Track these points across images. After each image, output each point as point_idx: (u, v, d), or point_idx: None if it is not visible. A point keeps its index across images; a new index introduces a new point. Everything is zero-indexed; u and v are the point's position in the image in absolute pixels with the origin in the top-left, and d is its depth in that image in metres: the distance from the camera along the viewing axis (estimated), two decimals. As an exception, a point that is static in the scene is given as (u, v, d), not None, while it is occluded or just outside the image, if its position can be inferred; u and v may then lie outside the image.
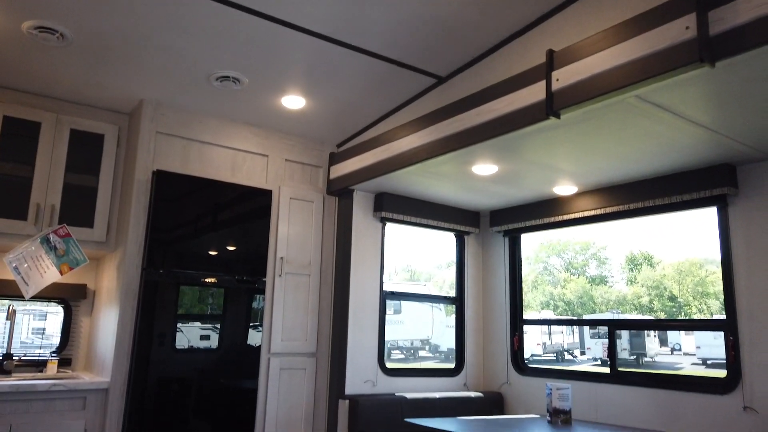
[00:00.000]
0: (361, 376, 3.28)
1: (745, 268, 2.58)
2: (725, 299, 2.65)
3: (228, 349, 3.07)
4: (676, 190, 2.81)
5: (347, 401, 3.10)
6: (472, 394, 3.50)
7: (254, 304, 3.20)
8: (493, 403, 3.53)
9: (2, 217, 2.76)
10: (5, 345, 2.91)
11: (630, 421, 2.91)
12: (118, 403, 2.72)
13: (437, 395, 3.36)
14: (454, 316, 3.88)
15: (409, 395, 3.26)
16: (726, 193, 2.64)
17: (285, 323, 3.28)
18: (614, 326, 3.15)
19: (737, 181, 2.67)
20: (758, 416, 2.44)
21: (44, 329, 3.27)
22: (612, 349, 3.14)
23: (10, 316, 2.89)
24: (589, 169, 2.85)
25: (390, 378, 3.40)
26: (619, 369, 3.06)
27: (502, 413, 3.50)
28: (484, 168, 2.90)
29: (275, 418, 3.17)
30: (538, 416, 3.22)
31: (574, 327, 14.00)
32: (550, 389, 2.93)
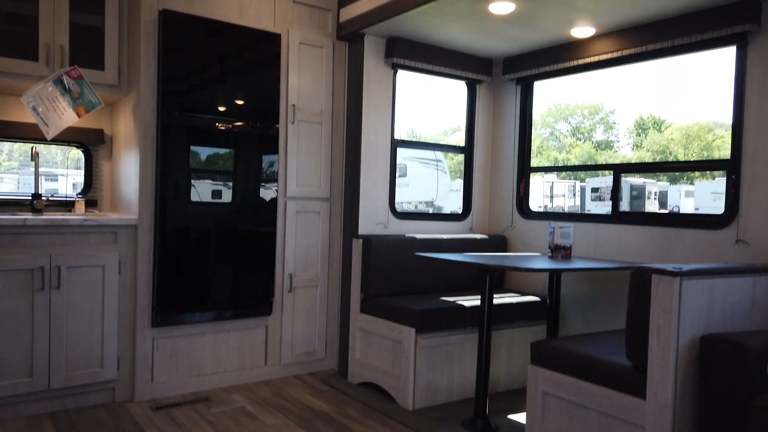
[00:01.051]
0: (373, 219, 3.45)
1: (756, 108, 2.60)
2: (732, 140, 2.70)
3: (242, 204, 3.20)
4: (696, 28, 2.73)
5: (360, 240, 3.29)
6: (478, 236, 3.70)
7: (263, 164, 3.27)
8: (497, 244, 3.74)
9: (14, 57, 2.75)
10: (33, 185, 3.04)
11: (627, 257, 3.10)
12: (147, 238, 2.90)
13: (445, 236, 3.56)
14: (459, 180, 3.97)
15: (418, 236, 3.45)
16: (747, 30, 2.58)
17: (299, 170, 3.39)
18: (619, 170, 3.24)
19: (761, 18, 2.59)
20: (749, 248, 2.60)
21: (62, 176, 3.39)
22: (615, 192, 3.26)
23: (34, 157, 2.99)
24: (609, 5, 2.75)
25: (400, 221, 3.57)
26: (621, 211, 3.20)
27: (506, 253, 3.72)
28: (501, 6, 2.81)
29: (294, 256, 3.39)
30: (539, 254, 3.43)
31: (576, 190, 14.26)
32: (553, 227, 3.10)
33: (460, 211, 3.89)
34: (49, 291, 2.64)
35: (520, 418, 2.84)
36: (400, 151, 3.68)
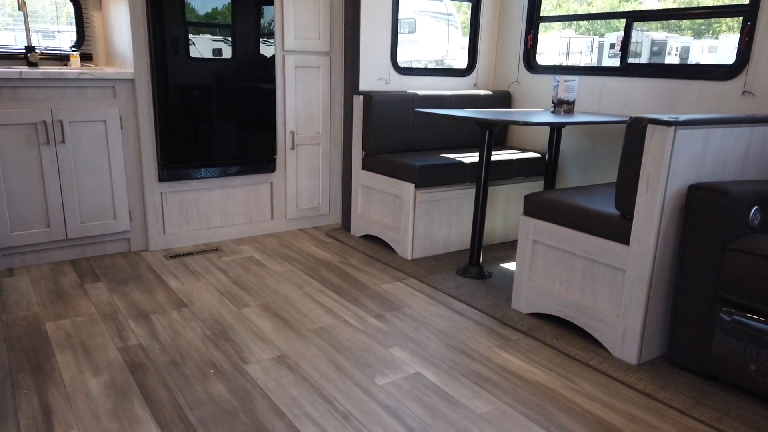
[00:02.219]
0: (375, 74, 3.37)
1: (786, -56, 2.39)
2: (755, -17, 2.52)
3: (242, 59, 3.10)
4: None
5: (361, 96, 3.25)
6: (482, 92, 3.62)
7: (263, 18, 3.11)
8: (501, 100, 3.68)
9: None
10: (25, 38, 2.96)
11: (631, 112, 3.06)
12: (146, 93, 2.88)
13: (447, 93, 3.49)
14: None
15: (420, 92, 3.39)
16: None
17: (297, 22, 3.25)
18: (632, 17, 3.06)
19: None
20: (755, 99, 2.54)
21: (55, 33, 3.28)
22: (626, 42, 3.12)
23: (21, 6, 2.88)
24: None
25: (402, 76, 3.49)
26: (630, 63, 3.08)
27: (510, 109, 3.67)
28: None
29: (294, 113, 3.37)
30: (542, 109, 3.38)
31: (594, 46, 13.60)
32: (557, 81, 3.02)
33: (465, 67, 3.77)
34: (54, 145, 2.69)
35: (512, 266, 3.00)
36: (407, 2, 3.48)
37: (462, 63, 3.79)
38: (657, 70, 2.96)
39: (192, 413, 1.66)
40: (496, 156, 3.27)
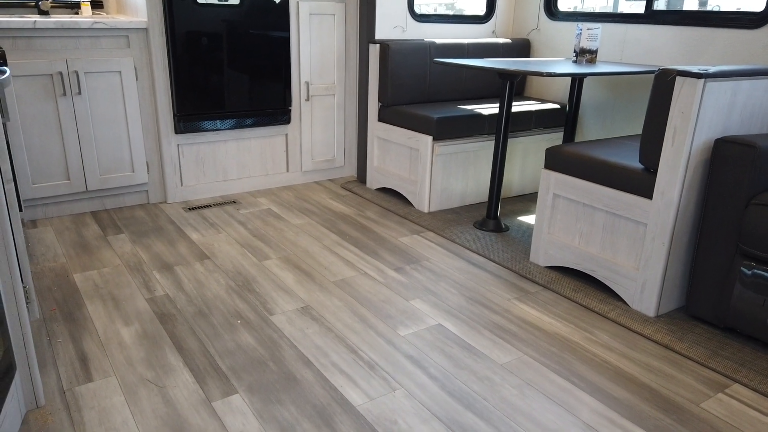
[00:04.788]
0: (391, 22, 3.28)
1: None
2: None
3: (251, 5, 3.02)
4: None
5: (378, 45, 3.18)
6: (500, 40, 3.54)
7: None
8: (520, 49, 3.59)
9: None
10: (34, -13, 2.90)
11: (654, 61, 2.98)
12: (160, 42, 2.83)
13: (465, 41, 3.41)
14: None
15: (437, 41, 3.31)
16: None
17: (310, -34, 3.15)
18: (660, -37, 2.95)
19: None
20: (785, 48, 2.46)
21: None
22: (652, -11, 3.01)
23: (30, -46, 2.80)
24: None
25: (420, 24, 3.40)
26: (655, 9, 2.99)
27: (529, 58, 3.58)
28: None
29: (309, 63, 3.31)
30: (563, 58, 3.31)
31: (612, -8, 13.11)
32: (581, 29, 2.94)
33: (483, 14, 3.66)
34: (71, 97, 2.67)
35: (530, 219, 3.00)
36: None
37: (471, 8, 3.69)
38: (682, 17, 2.87)
39: (223, 362, 1.72)
40: (515, 107, 3.22)
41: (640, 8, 3.09)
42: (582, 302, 2.14)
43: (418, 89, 3.27)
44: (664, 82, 1.91)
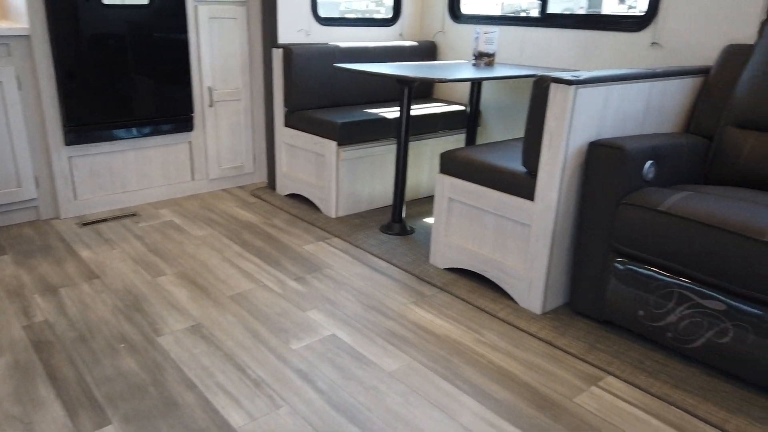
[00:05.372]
0: (295, 26, 3.25)
1: None
2: (664, -67, 2.53)
3: (145, 10, 2.91)
4: None
5: (281, 50, 3.14)
6: (407, 43, 3.57)
7: None
8: (426, 51, 3.63)
9: None
10: None
11: (552, 62, 3.09)
12: (44, 50, 2.68)
13: (371, 45, 3.41)
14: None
15: (343, 44, 3.30)
16: None
17: (207, -31, 3.07)
18: (550, -32, 3.06)
19: None
20: (662, 50, 2.61)
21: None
22: (544, -7, 3.11)
23: None
24: None
25: (325, 28, 3.38)
26: (548, 12, 3.09)
27: (435, 60, 3.63)
28: None
29: (211, 68, 3.23)
30: (465, 61, 3.37)
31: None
32: (478, 33, 3.00)
33: (390, 16, 3.68)
34: (-59, 112, 2.49)
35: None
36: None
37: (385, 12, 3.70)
38: (575, 21, 2.98)
39: (99, 390, 1.65)
40: (420, 110, 3.26)
41: (549, 11, 3.19)
42: (475, 303, 2.19)
43: (324, 93, 3.25)
44: (540, 89, 1.97)
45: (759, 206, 1.73)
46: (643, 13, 2.69)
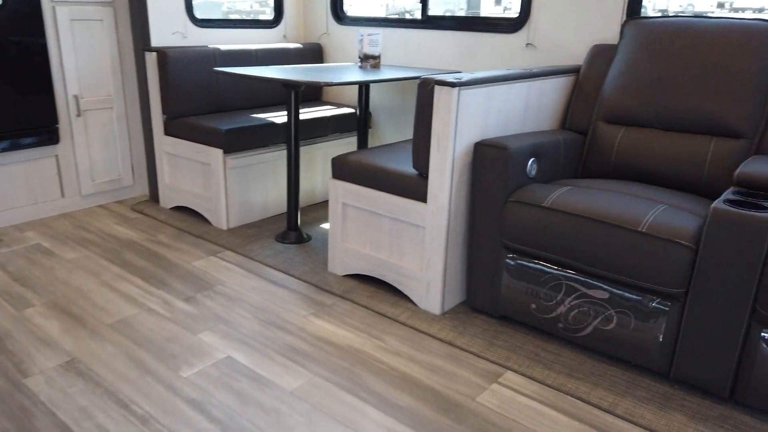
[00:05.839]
0: (169, 28, 3.04)
1: None
2: (532, -61, 2.65)
3: (13, 8, 2.59)
4: None
5: (154, 53, 2.92)
6: (291, 45, 3.47)
7: None
8: (312, 53, 3.56)
9: None
10: None
11: (435, 64, 3.14)
12: None
13: (254, 47, 3.29)
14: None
15: (223, 47, 3.15)
16: None
17: (65, -35, 2.79)
18: (429, -30, 3.11)
19: None
20: (536, 51, 2.73)
21: None
22: (425, -5, 3.16)
23: None
24: None
25: (202, 30, 3.20)
26: (430, 15, 3.14)
27: (321, 63, 3.57)
28: None
29: (77, 75, 2.95)
30: (352, 63, 3.34)
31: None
32: (362, 35, 2.98)
33: (272, 18, 3.57)
34: None
35: (332, 225, 3.00)
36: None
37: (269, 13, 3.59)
38: (454, 22, 3.05)
39: (-50, 452, 1.43)
40: (310, 113, 3.18)
41: (438, 13, 3.22)
42: (376, 308, 2.16)
43: (206, 99, 3.08)
44: (425, 91, 1.98)
45: (633, 197, 1.85)
46: (517, 16, 2.80)
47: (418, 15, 3.21)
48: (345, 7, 3.51)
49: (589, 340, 1.83)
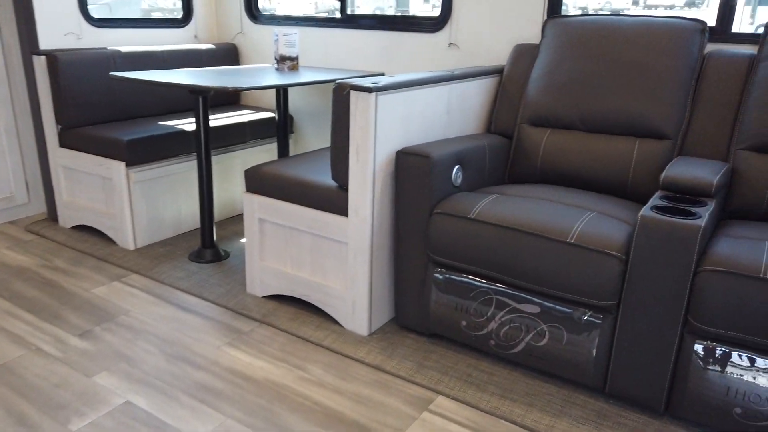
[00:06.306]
0: (60, 29, 2.74)
1: None
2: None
3: None
4: None
5: (43, 57, 2.62)
6: (203, 46, 3.23)
7: None
8: (226, 54, 3.33)
9: None
10: None
11: (355, 64, 2.99)
12: None
13: (160, 48, 3.02)
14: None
15: (124, 49, 2.87)
16: None
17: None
18: (347, -34, 2.95)
19: None
20: (459, 50, 2.63)
21: None
22: (343, -8, 3.00)
23: None
24: None
25: (100, 30, 2.91)
26: (350, 14, 2.99)
27: (237, 65, 3.35)
28: None
29: (-49, 80, 2.60)
30: (269, 65, 3.14)
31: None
32: (277, 35, 2.79)
33: (180, 16, 3.31)
34: None
35: (253, 239, 2.79)
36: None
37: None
38: (375, 21, 2.91)
39: None
40: (226, 119, 2.96)
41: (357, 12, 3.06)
42: (298, 333, 2.00)
43: (106, 106, 2.80)
44: (340, 97, 1.83)
45: (560, 206, 1.77)
46: (438, 15, 2.70)
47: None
48: (261, 5, 3.31)
49: (522, 357, 1.74)
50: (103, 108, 2.78)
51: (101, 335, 1.97)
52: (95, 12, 2.94)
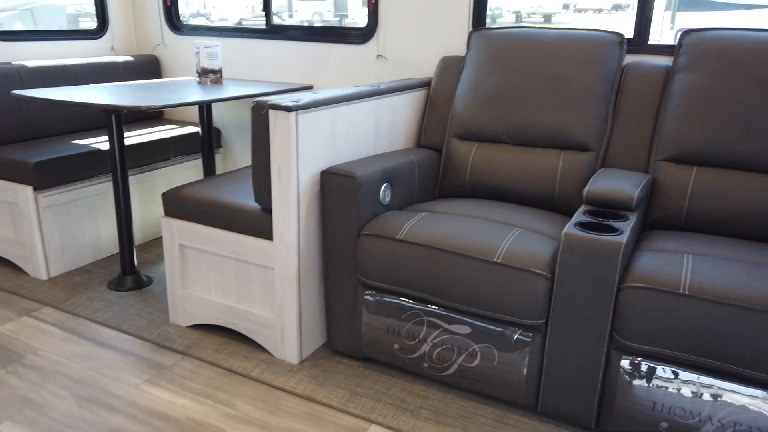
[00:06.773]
0: (-43, 42, 2.52)
1: None
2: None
3: None
4: None
5: (-64, 74, 2.40)
6: (120, 58, 3.06)
7: None
8: (146, 67, 3.17)
9: None
10: None
11: (282, 76, 2.90)
12: None
13: (72, 62, 2.84)
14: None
15: (31, 64, 2.68)
16: None
17: None
18: (270, -24, 2.86)
19: None
20: (387, 62, 2.59)
21: None
22: (267, 1, 2.90)
23: None
24: None
25: (6, 44, 2.70)
26: (275, 24, 2.90)
27: (159, 78, 3.19)
28: None
29: None
30: (192, 78, 3.01)
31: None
32: (198, 48, 2.67)
33: (94, 27, 3.12)
34: None
35: (180, 262, 2.65)
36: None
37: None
38: (301, 32, 2.84)
39: None
40: (147, 135, 2.80)
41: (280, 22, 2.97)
42: (224, 365, 1.89)
43: (12, 125, 2.59)
44: (259, 116, 1.74)
45: (488, 222, 1.75)
46: (364, 26, 2.65)
47: (288, 20, 2.95)
48: (188, 13, 3.16)
49: (455, 379, 1.71)
50: (8, 127, 2.58)
51: (6, 379, 1.80)
52: (7, 22, 2.72)
